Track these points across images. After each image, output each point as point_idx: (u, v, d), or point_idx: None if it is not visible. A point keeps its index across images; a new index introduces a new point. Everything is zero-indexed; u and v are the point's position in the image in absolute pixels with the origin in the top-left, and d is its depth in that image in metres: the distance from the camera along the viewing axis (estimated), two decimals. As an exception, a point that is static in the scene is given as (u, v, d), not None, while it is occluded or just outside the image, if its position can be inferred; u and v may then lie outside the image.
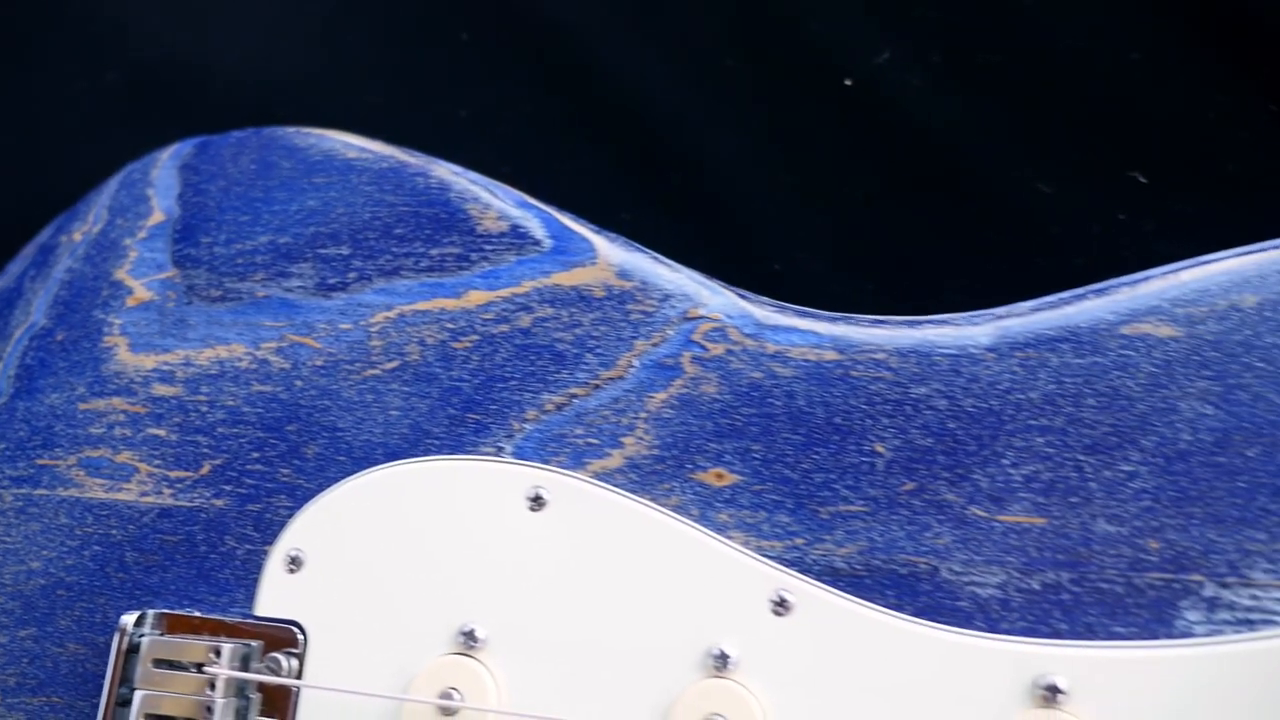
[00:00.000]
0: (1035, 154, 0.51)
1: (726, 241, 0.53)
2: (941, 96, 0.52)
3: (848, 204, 0.53)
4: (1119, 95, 0.51)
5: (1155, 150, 0.51)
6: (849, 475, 0.40)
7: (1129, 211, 0.50)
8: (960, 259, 0.48)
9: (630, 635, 0.39)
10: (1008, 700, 0.37)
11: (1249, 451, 0.39)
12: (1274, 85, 0.50)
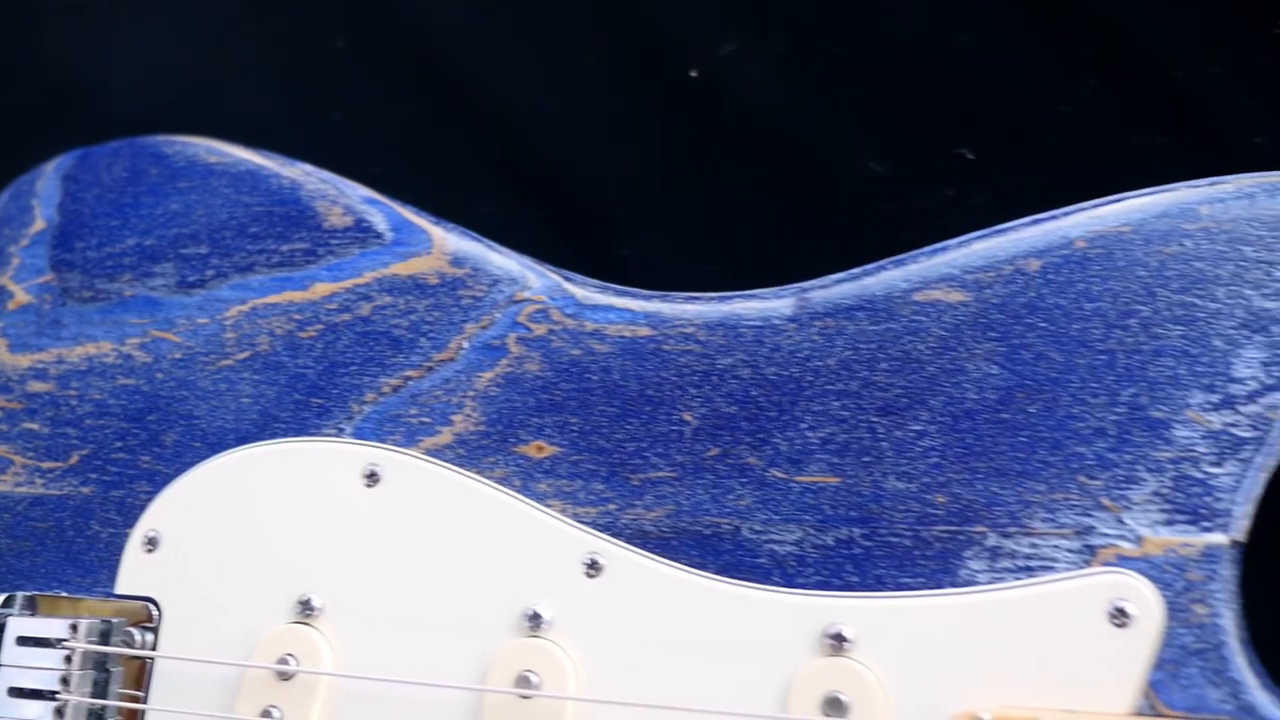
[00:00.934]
0: (869, 136, 0.53)
1: (580, 229, 0.55)
2: (782, 84, 0.54)
3: (694, 190, 0.54)
4: (948, 76, 0.53)
5: (982, 128, 0.52)
6: (659, 443, 0.42)
7: (957, 187, 0.51)
8: (799, 239, 0.50)
9: (454, 600, 0.41)
10: (799, 650, 0.38)
11: (1030, 408, 0.40)
12: (1092, 61, 0.51)
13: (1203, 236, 0.41)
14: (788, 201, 0.52)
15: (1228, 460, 0.39)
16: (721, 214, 0.53)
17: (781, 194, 0.52)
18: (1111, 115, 0.51)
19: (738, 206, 0.53)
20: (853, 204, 0.51)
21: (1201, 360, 0.40)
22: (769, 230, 0.51)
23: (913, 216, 0.46)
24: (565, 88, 0.55)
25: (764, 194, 0.52)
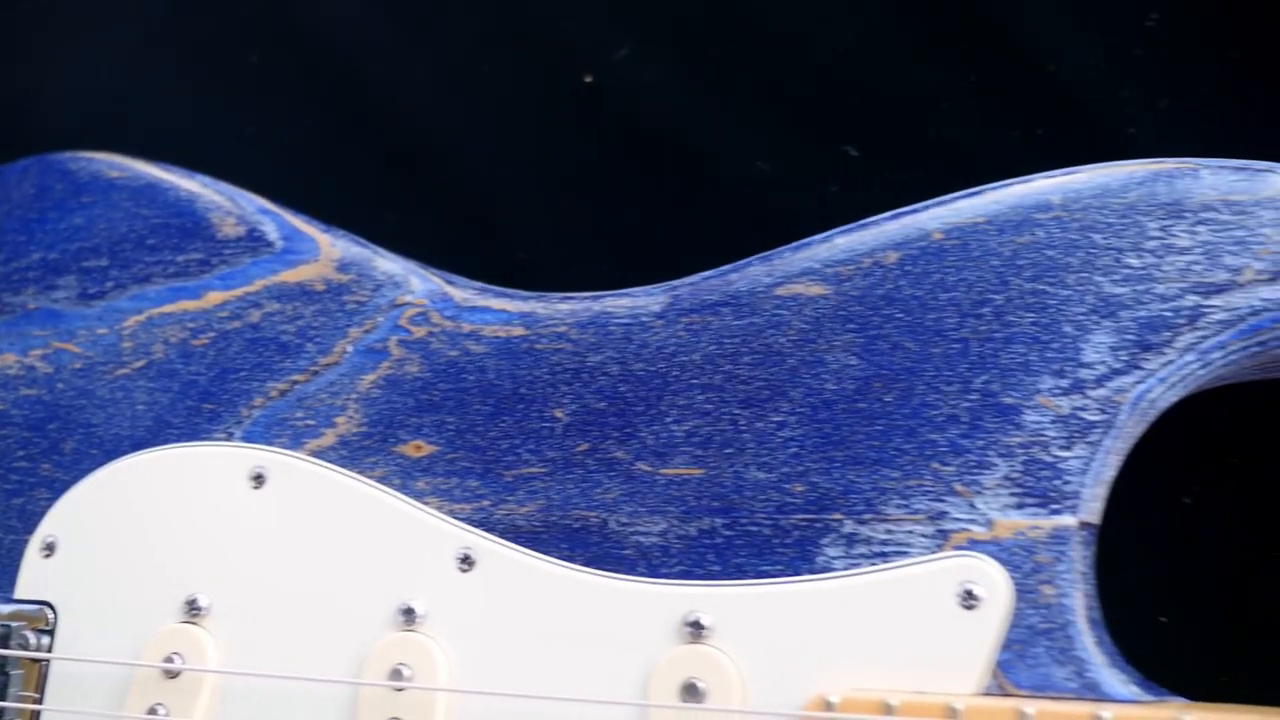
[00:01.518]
0: (756, 135, 0.53)
1: (480, 232, 0.56)
2: (672, 87, 0.55)
3: (588, 192, 0.55)
4: (832, 75, 0.53)
5: (866, 125, 0.52)
6: (531, 440, 0.43)
7: (841, 184, 0.52)
8: (691, 237, 0.51)
9: (334, 597, 0.42)
10: (660, 638, 0.39)
11: (887, 397, 0.41)
12: (972, 57, 0.52)
13: (1055, 226, 0.41)
14: (679, 201, 0.53)
15: (1077, 444, 0.40)
16: (615, 215, 0.54)
17: (672, 194, 0.53)
18: (992, 109, 0.51)
19: (631, 207, 0.53)
20: (741, 202, 0.51)
21: (1052, 346, 0.40)
22: (660, 230, 0.52)
23: (798, 214, 0.47)
24: (465, 96, 0.56)
25: (656, 194, 0.53)
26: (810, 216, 0.45)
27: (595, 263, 0.51)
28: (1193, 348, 0.40)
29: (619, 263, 0.49)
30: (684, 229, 0.51)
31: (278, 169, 0.57)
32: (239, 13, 0.60)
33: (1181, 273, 0.40)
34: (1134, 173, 0.42)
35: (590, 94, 0.54)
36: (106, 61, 0.62)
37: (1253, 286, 0.39)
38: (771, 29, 0.53)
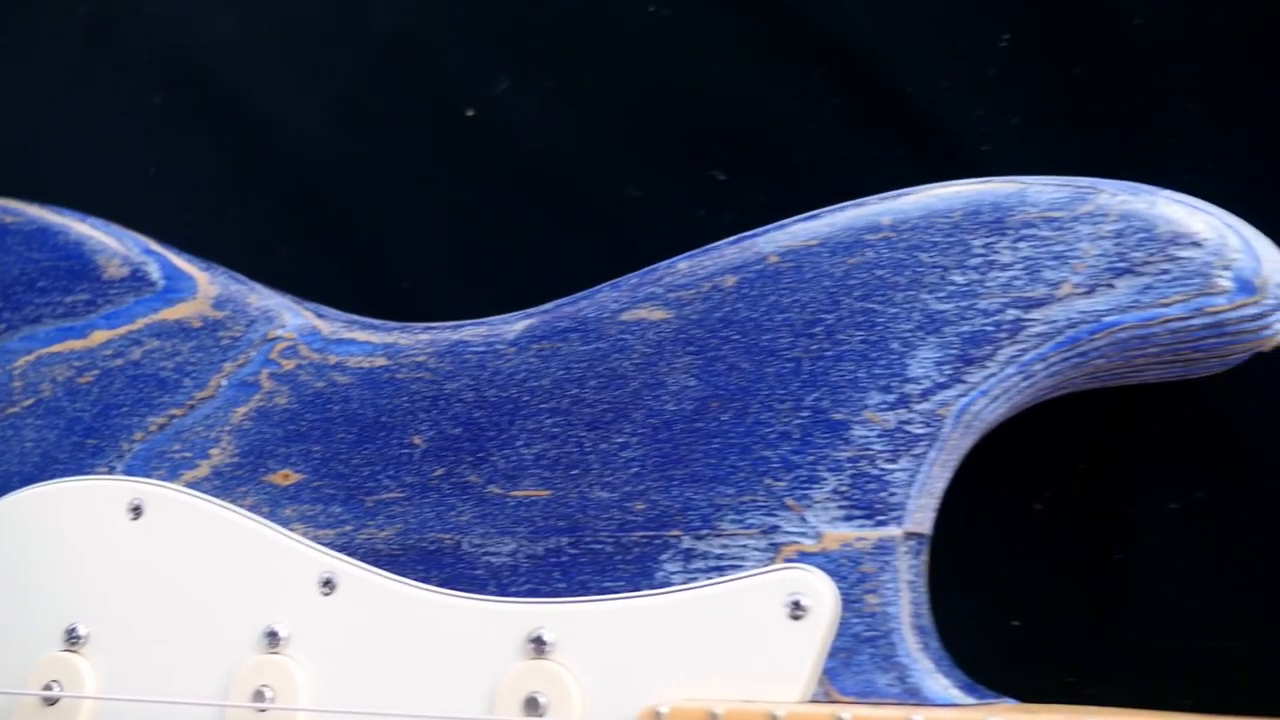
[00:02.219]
0: (628, 163, 0.55)
1: (369, 265, 0.57)
2: (551, 117, 0.56)
3: (470, 223, 0.56)
4: (701, 103, 0.54)
5: (732, 150, 0.54)
6: (391, 466, 0.44)
7: (709, 207, 0.53)
8: (567, 265, 0.52)
9: (206, 622, 0.43)
10: (506, 655, 0.40)
11: (723, 416, 0.42)
12: (834, 81, 0.53)
13: (884, 246, 0.43)
14: (555, 229, 0.54)
15: (902, 456, 0.41)
16: (495, 244, 0.55)
17: (549, 222, 0.54)
18: (853, 131, 0.52)
19: (510, 237, 0.55)
20: (614, 229, 0.53)
21: (879, 363, 0.41)
22: (537, 257, 0.53)
23: (669, 238, 0.48)
24: (355, 133, 0.58)
25: (533, 223, 0.54)
26: (680, 240, 0.46)
27: (476, 291, 0.52)
28: (1014, 360, 0.41)
29: (499, 291, 0.51)
30: (560, 256, 0.52)
31: (180, 207, 0.58)
32: (142, 58, 0.62)
33: (1003, 288, 0.41)
34: (961, 192, 0.43)
35: (472, 127, 0.56)
36: (17, 107, 0.64)
37: (1070, 300, 0.41)
38: (642, 60, 0.54)
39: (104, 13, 0.66)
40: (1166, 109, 0.51)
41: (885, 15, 0.53)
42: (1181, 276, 0.40)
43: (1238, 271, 0.40)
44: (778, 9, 0.55)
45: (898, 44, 0.53)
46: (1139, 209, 0.41)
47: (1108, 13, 0.51)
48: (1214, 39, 0.51)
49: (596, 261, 0.49)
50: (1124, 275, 0.41)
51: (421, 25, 0.58)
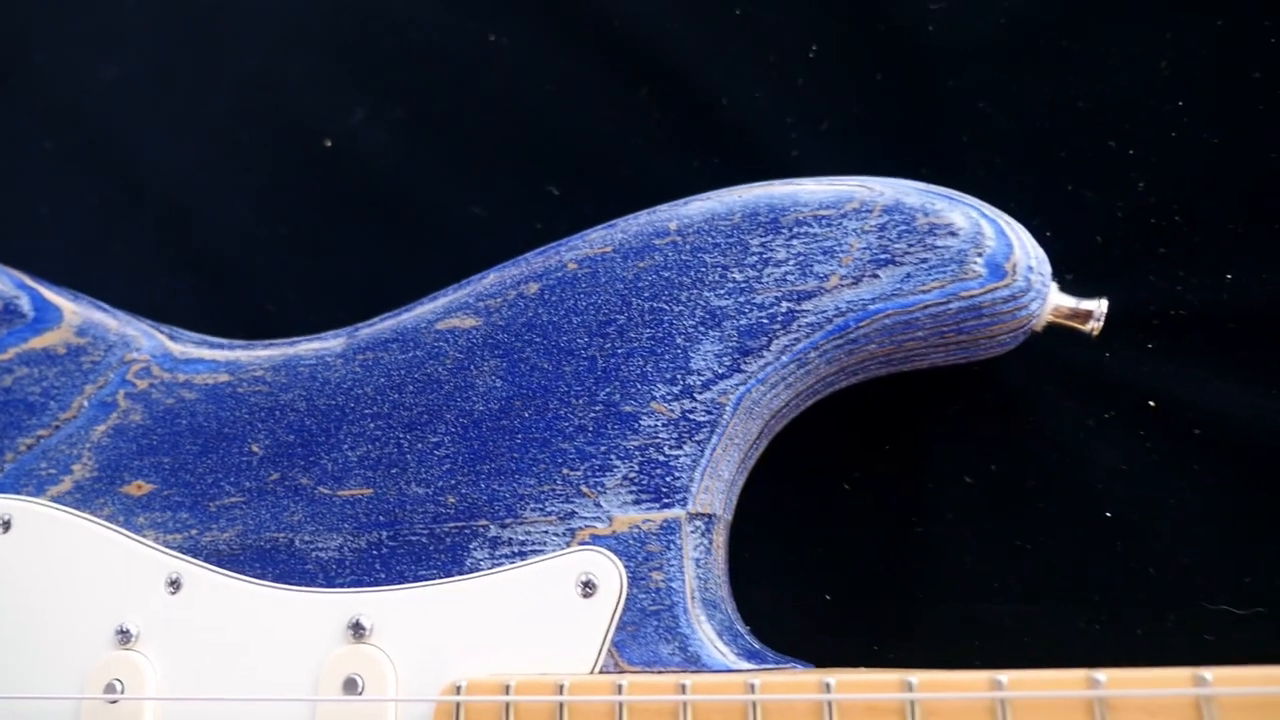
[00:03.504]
0: (471, 183, 0.58)
1: (235, 291, 0.61)
2: (400, 144, 0.59)
3: (330, 246, 0.60)
4: (535, 125, 0.58)
5: (565, 166, 0.57)
6: (232, 474, 0.47)
7: (544, 220, 0.56)
8: (417, 281, 0.54)
9: (67, 623, 0.46)
10: (328, 640, 0.43)
11: (526, 413, 0.45)
12: (655, 99, 0.56)
13: (671, 249, 0.46)
14: (406, 248, 0.57)
15: (686, 443, 0.44)
16: (352, 265, 0.58)
17: (400, 242, 0.58)
18: (674, 143, 0.55)
19: (365, 257, 0.58)
20: (460, 245, 0.56)
21: (665, 357, 0.45)
22: (390, 275, 0.57)
23: (509, 252, 0.51)
24: (222, 169, 0.61)
25: (386, 243, 0.58)
26: (519, 252, 0.50)
27: (333, 311, 0.56)
28: (788, 349, 0.44)
29: (354, 309, 0.54)
30: (412, 274, 0.56)
31: (67, 243, 0.62)
32: (36, 105, 0.66)
33: (777, 283, 0.44)
34: (741, 196, 0.46)
35: (330, 156, 0.59)
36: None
37: (838, 291, 0.44)
38: (482, 87, 0.58)
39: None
40: (959, 109, 0.54)
41: (701, 33, 0.56)
42: (939, 264, 0.44)
43: (990, 257, 0.43)
44: (603, 36, 0.58)
45: (713, 61, 0.56)
46: (902, 203, 0.44)
47: (903, 22, 0.55)
48: (1000, 43, 0.54)
49: (445, 276, 0.53)
50: (887, 266, 0.44)
51: (280, 66, 0.63)
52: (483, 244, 0.54)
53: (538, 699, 0.39)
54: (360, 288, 0.56)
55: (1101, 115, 0.51)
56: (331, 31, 0.60)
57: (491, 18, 0.59)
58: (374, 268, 0.57)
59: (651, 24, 0.56)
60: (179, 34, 0.66)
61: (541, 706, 0.39)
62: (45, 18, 0.71)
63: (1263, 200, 0.50)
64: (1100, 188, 0.51)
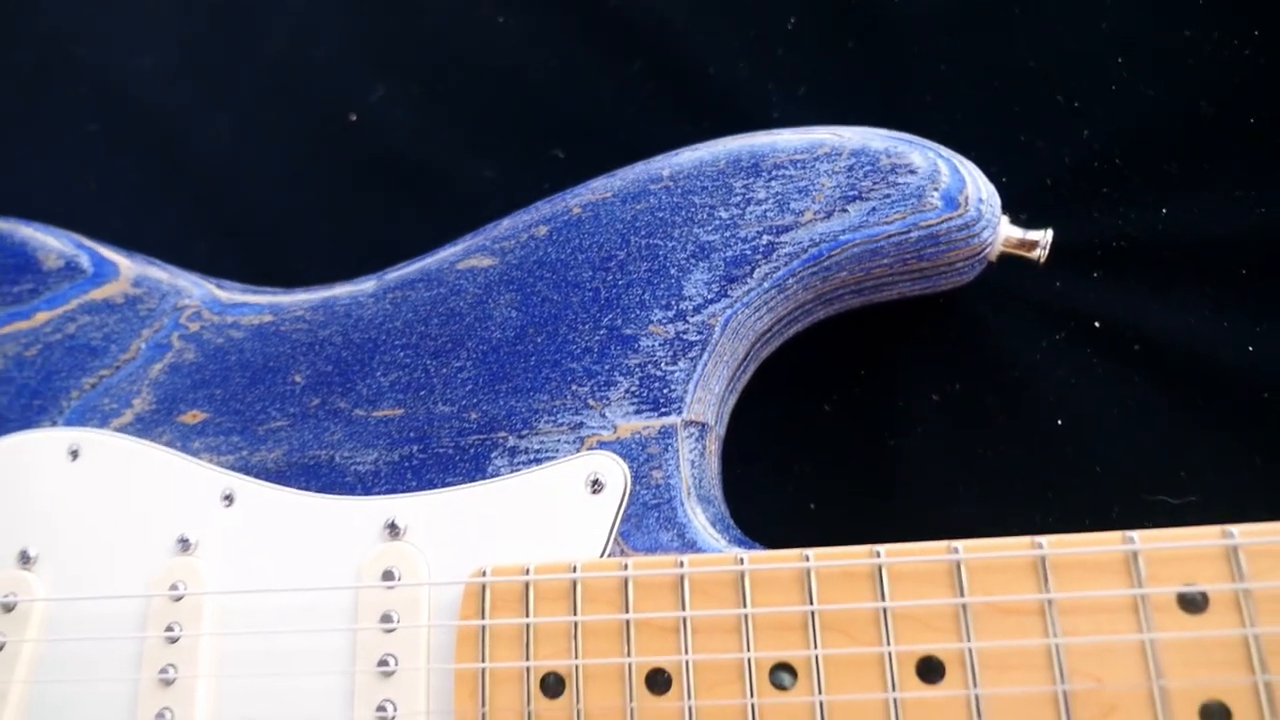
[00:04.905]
0: (483, 151, 0.64)
1: (271, 253, 0.67)
2: (418, 117, 0.66)
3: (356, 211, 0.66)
4: (541, 96, 0.64)
5: (569, 134, 0.63)
6: (277, 401, 0.53)
7: (552, 181, 0.62)
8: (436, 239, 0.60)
9: (134, 535, 0.52)
10: (369, 539, 0.49)
11: (538, 339, 0.51)
12: (649, 70, 0.63)
13: (664, 193, 0.52)
14: (426, 211, 0.63)
15: (680, 359, 0.50)
16: (374, 227, 0.64)
17: (420, 205, 0.64)
18: (667, 111, 0.62)
19: (387, 219, 0.64)
20: (474, 206, 0.62)
21: (660, 286, 0.51)
22: (410, 236, 0.62)
23: (518, 209, 0.57)
24: (258, 143, 0.68)
25: (406, 207, 0.64)
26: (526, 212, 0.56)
27: (360, 268, 0.61)
28: (769, 276, 0.50)
29: (379, 265, 0.60)
30: (430, 233, 0.61)
31: (115, 213, 0.68)
32: (80, 91, 0.73)
33: (759, 219, 0.50)
34: (727, 145, 0.52)
35: (355, 130, 0.66)
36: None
37: (812, 224, 0.50)
38: (493, 63, 0.64)
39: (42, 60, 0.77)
40: (923, 72, 0.60)
41: (688, 11, 0.63)
42: (900, 199, 0.49)
43: (945, 191, 0.49)
44: (600, 16, 0.65)
45: (700, 35, 0.63)
46: (868, 147, 0.50)
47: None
48: (957, 11, 0.60)
49: (461, 232, 0.59)
50: (854, 201, 0.50)
51: (305, 48, 0.69)
52: (496, 203, 0.60)
53: (555, 577, 0.45)
54: (382, 247, 0.62)
55: (1049, 73, 0.58)
56: (352, 18, 0.67)
57: (499, 2, 0.65)
58: (397, 227, 0.63)
59: (644, 3, 0.63)
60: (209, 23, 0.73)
61: (558, 584, 0.45)
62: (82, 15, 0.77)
63: (1193, 144, 0.56)
64: (1049, 137, 0.57)
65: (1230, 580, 0.40)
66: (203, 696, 0.48)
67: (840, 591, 0.43)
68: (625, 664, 0.44)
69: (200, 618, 0.49)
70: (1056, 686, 0.40)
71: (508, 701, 0.44)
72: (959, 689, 0.41)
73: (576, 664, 0.44)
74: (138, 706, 0.49)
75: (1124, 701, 0.40)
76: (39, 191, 0.69)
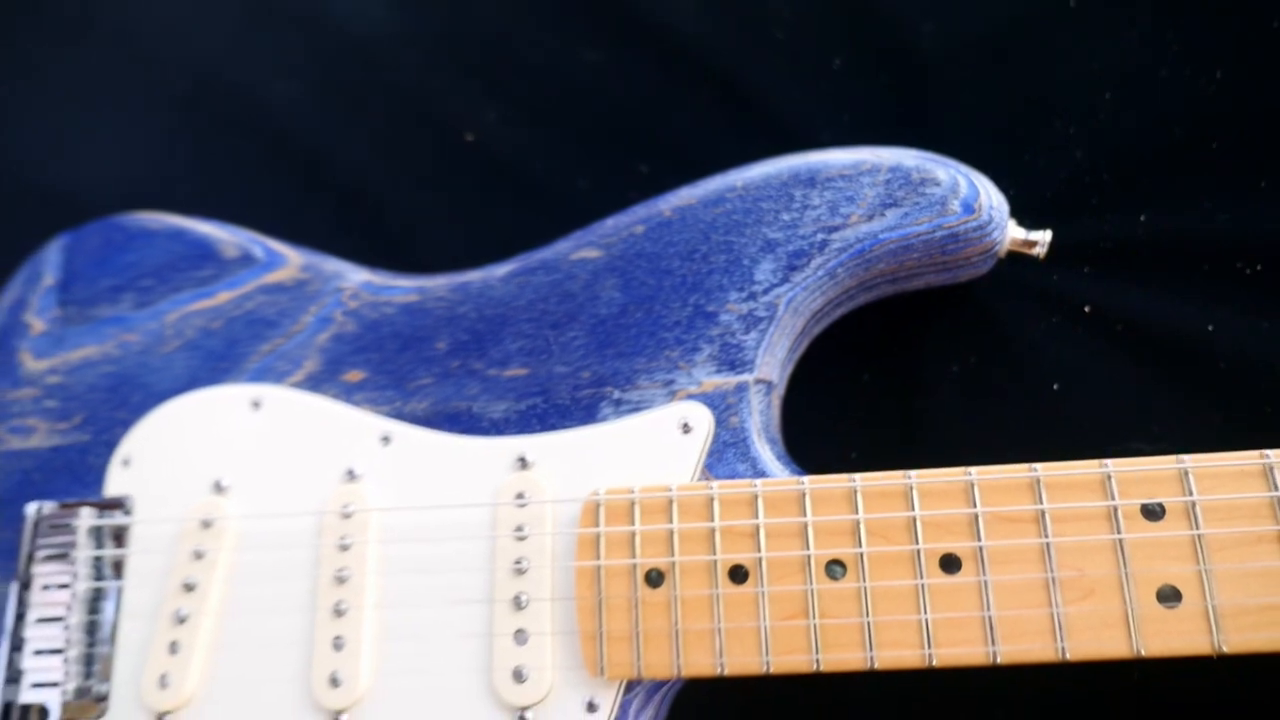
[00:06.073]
0: (579, 165, 0.77)
1: (404, 252, 0.80)
2: (525, 135, 0.79)
3: (475, 217, 0.79)
4: (629, 120, 0.77)
5: (652, 150, 0.76)
6: (424, 363, 0.66)
7: (637, 191, 0.75)
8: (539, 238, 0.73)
9: (309, 468, 0.65)
10: (503, 469, 0.62)
11: (637, 314, 0.64)
12: (716, 99, 0.76)
13: (738, 199, 0.65)
14: (527, 215, 0.77)
15: (751, 331, 0.62)
16: (486, 230, 0.78)
17: (523, 211, 0.77)
18: (734, 135, 0.75)
19: (498, 223, 0.77)
20: (567, 211, 0.75)
21: (735, 274, 0.63)
22: (516, 237, 0.75)
23: (607, 214, 0.70)
24: (387, 159, 0.81)
25: (517, 212, 0.77)
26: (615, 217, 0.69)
27: (475, 264, 0.75)
28: (822, 266, 0.63)
29: (491, 262, 0.73)
30: (535, 233, 0.74)
31: (270, 221, 0.81)
32: (236, 115, 0.87)
33: (814, 220, 0.63)
34: (789, 162, 0.65)
35: (472, 148, 0.79)
36: (128, 152, 0.89)
37: (857, 225, 0.62)
38: (587, 91, 0.78)
39: (197, 83, 0.91)
40: (946, 103, 0.73)
41: (753, 52, 0.76)
42: (927, 205, 0.62)
43: (964, 199, 0.62)
44: (682, 56, 0.78)
45: (761, 71, 0.76)
46: (901, 164, 0.63)
47: (903, 38, 0.74)
48: (975, 53, 0.73)
49: (558, 233, 0.72)
50: (891, 207, 0.62)
51: (429, 78, 0.83)
52: (589, 209, 0.73)
53: (656, 495, 0.58)
54: (496, 244, 0.74)
55: (1049, 105, 0.71)
56: (470, 53, 0.81)
57: (591, 41, 0.79)
58: (506, 228, 0.76)
59: (714, 44, 0.76)
60: (350, 56, 0.87)
61: (658, 501, 0.58)
62: (234, 48, 0.91)
63: (1166, 163, 0.68)
64: (1048, 157, 0.70)
65: (1182, 495, 0.53)
66: (371, 590, 0.61)
67: (880, 505, 0.56)
68: (712, 560, 0.56)
69: (367, 529, 0.62)
70: (1047, 574, 0.53)
71: (618, 590, 0.57)
72: (972, 577, 0.53)
73: (674, 560, 0.56)
74: (317, 599, 0.62)
75: (1099, 586, 0.53)
76: (206, 204, 0.82)
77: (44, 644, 0.66)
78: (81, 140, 0.91)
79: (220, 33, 0.90)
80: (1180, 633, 0.51)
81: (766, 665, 0.54)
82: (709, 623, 0.55)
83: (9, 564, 0.69)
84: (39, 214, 0.88)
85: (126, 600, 0.66)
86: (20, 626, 0.66)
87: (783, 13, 0.77)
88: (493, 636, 0.59)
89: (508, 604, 0.59)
